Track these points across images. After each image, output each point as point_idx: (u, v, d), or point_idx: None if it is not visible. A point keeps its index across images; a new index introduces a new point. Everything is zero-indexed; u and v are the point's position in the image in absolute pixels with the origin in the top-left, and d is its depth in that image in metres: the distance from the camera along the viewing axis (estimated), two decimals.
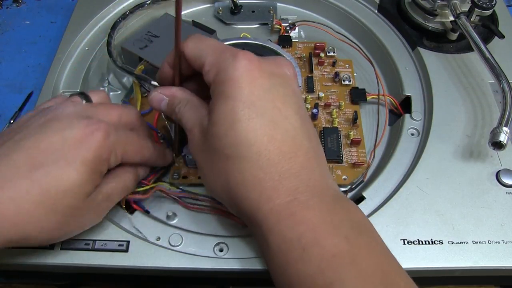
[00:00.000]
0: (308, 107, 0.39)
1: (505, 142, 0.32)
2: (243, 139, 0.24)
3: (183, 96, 0.28)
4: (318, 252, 0.22)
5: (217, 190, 0.26)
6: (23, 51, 0.49)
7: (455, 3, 0.41)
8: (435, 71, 0.40)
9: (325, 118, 0.38)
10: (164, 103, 0.29)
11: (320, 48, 0.43)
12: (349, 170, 0.35)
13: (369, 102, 0.40)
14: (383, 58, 0.43)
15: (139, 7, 0.45)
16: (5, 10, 0.53)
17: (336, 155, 0.35)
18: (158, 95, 0.29)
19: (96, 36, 0.45)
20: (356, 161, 0.35)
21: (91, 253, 0.29)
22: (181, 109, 0.28)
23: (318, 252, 0.22)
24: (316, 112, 0.38)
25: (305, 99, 0.39)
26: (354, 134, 0.37)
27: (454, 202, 0.32)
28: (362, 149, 0.37)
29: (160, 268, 0.29)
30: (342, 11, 0.47)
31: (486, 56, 0.37)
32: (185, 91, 0.29)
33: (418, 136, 0.37)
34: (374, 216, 0.31)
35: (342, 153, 0.36)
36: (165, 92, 0.29)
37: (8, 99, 0.44)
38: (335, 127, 0.37)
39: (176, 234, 0.31)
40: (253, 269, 0.29)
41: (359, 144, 0.37)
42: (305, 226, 0.23)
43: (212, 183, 0.26)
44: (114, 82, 0.43)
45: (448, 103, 0.38)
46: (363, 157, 0.36)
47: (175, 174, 0.34)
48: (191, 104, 0.28)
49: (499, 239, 0.30)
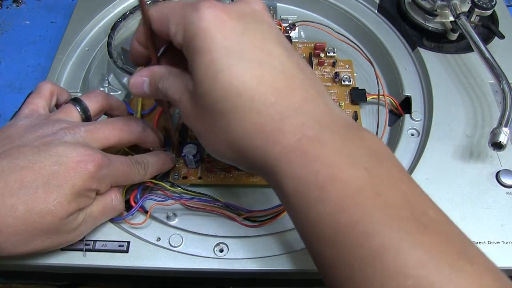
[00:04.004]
0: None
1: (505, 142, 0.32)
2: (230, 89, 0.22)
3: (162, 70, 0.27)
4: (338, 188, 0.20)
5: (222, 151, 0.25)
6: (23, 51, 0.49)
7: (455, 3, 0.41)
8: (435, 71, 0.40)
9: None
10: (146, 84, 0.27)
11: (320, 49, 0.43)
12: None
13: (369, 103, 0.40)
14: (383, 58, 0.43)
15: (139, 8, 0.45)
16: (5, 10, 0.53)
17: None
18: (137, 78, 0.27)
19: (96, 37, 0.45)
20: None
21: (91, 254, 0.29)
22: (164, 84, 0.26)
23: (338, 188, 0.20)
24: None
25: None
26: None
27: (454, 202, 0.32)
28: None
29: (160, 268, 0.29)
30: (342, 11, 0.47)
31: (486, 56, 0.37)
32: (163, 66, 0.27)
33: (418, 136, 0.37)
34: None
35: None
36: (143, 72, 0.27)
37: (8, 99, 0.44)
38: None
39: (176, 234, 0.31)
40: (253, 270, 0.29)
41: None
42: (320, 163, 0.21)
43: (215, 146, 0.25)
44: (114, 82, 0.43)
45: (448, 103, 0.38)
46: None
47: (175, 174, 0.34)
48: (173, 75, 0.26)
49: (499, 239, 0.30)
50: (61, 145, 0.26)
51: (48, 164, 0.25)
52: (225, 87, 0.22)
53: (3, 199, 0.24)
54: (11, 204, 0.24)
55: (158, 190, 0.33)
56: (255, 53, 0.23)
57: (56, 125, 0.28)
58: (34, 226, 0.25)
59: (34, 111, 0.30)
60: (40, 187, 0.25)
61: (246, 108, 0.22)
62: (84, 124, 0.29)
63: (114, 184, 0.29)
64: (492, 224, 0.31)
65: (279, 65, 0.23)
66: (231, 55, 0.22)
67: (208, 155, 0.35)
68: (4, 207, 0.24)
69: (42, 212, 0.25)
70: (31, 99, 0.31)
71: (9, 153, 0.26)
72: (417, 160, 0.34)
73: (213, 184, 0.34)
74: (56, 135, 0.27)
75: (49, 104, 0.31)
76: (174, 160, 0.34)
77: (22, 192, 0.24)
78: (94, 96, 0.31)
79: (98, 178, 0.26)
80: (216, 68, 0.22)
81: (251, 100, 0.22)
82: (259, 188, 0.35)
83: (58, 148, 0.26)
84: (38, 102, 0.30)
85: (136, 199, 0.31)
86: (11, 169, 0.25)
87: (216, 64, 0.22)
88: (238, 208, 0.32)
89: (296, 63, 0.24)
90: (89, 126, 0.28)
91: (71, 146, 0.26)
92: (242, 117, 0.22)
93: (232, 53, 0.22)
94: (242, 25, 0.23)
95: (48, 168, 0.25)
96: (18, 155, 0.25)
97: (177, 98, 0.26)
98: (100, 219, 0.29)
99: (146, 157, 0.31)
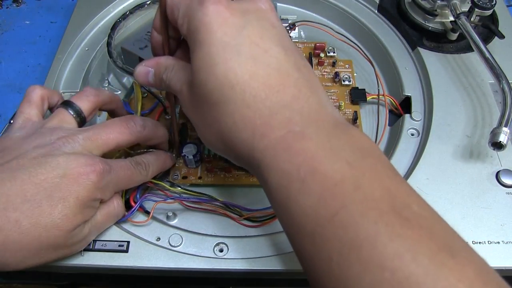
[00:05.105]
0: None
1: (505, 142, 0.32)
2: (224, 81, 0.23)
3: (167, 61, 0.27)
4: (318, 181, 0.21)
5: (212, 141, 0.25)
6: (23, 51, 0.49)
7: (455, 3, 0.41)
8: (435, 71, 0.40)
9: None
10: (151, 75, 0.28)
11: (320, 48, 0.43)
12: None
13: (369, 102, 0.40)
14: (383, 58, 0.43)
15: (139, 8, 0.45)
16: (5, 10, 0.53)
17: None
18: (142, 68, 0.28)
19: (96, 37, 0.45)
20: None
21: (91, 254, 0.29)
22: (168, 75, 0.27)
23: (318, 180, 0.21)
24: None
25: None
26: None
27: (454, 202, 0.32)
28: None
29: (160, 268, 0.29)
30: (342, 11, 0.47)
31: (486, 56, 0.37)
32: (170, 57, 0.28)
33: (418, 136, 0.37)
34: None
35: None
36: (149, 63, 0.28)
37: (8, 99, 0.44)
38: None
39: (176, 234, 0.31)
40: (253, 269, 0.29)
41: None
42: (302, 157, 0.21)
43: (207, 135, 0.26)
44: (114, 82, 0.43)
45: (448, 103, 0.38)
46: None
47: (175, 174, 0.34)
48: (177, 67, 0.27)
49: (499, 239, 0.30)
50: (61, 156, 0.26)
51: (50, 176, 0.25)
52: (219, 79, 0.23)
53: (6, 214, 0.24)
54: (14, 219, 0.24)
55: (158, 190, 0.33)
56: (251, 49, 0.23)
57: (54, 134, 0.28)
58: (40, 241, 0.24)
59: (27, 120, 0.30)
60: (44, 200, 0.24)
61: (237, 101, 0.23)
62: (82, 131, 0.28)
63: (117, 189, 0.29)
64: (492, 224, 0.31)
65: (274, 63, 0.23)
66: (228, 49, 0.23)
67: (208, 155, 0.35)
68: (8, 222, 0.24)
69: (47, 226, 0.24)
70: (23, 109, 0.30)
71: (9, 166, 0.25)
72: (417, 160, 0.34)
73: (213, 184, 0.34)
74: (55, 145, 0.27)
75: (42, 111, 0.31)
76: (173, 159, 0.34)
77: (26, 207, 0.24)
78: (85, 96, 0.31)
79: (102, 187, 0.26)
80: (213, 61, 0.23)
81: (242, 93, 0.23)
82: (259, 188, 0.34)
83: (58, 159, 0.26)
84: (30, 111, 0.30)
85: (136, 199, 0.31)
86: (12, 182, 0.25)
87: (213, 57, 0.23)
88: (238, 208, 0.32)
89: (294, 62, 0.24)
90: (87, 132, 0.28)
91: (71, 157, 0.26)
92: (232, 109, 0.23)
93: (229, 48, 0.23)
94: (243, 22, 0.24)
95: (50, 180, 0.25)
96: (17, 168, 0.25)
97: (178, 89, 0.26)
98: (104, 227, 0.29)
99: (146, 157, 0.31)
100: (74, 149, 0.27)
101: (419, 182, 0.33)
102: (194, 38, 0.24)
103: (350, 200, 0.20)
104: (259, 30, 0.24)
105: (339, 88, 0.41)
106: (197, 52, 0.24)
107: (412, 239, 0.18)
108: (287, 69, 0.24)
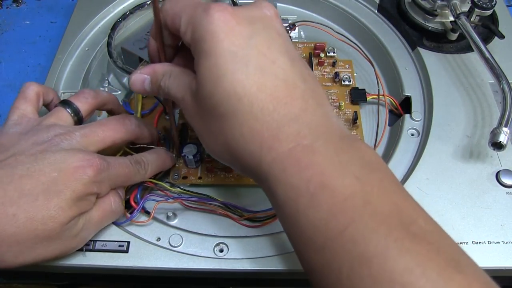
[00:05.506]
0: None
1: (505, 142, 0.32)
2: (231, 93, 0.22)
3: (164, 68, 0.27)
4: (328, 196, 0.21)
5: (217, 151, 0.25)
6: (23, 51, 0.49)
7: (455, 3, 0.41)
8: (435, 71, 0.40)
9: None
10: (147, 82, 0.28)
11: (320, 48, 0.43)
12: None
13: (369, 102, 0.40)
14: (383, 58, 0.43)
15: (139, 8, 0.45)
16: (5, 10, 0.53)
17: None
18: (138, 75, 0.28)
19: (96, 37, 0.45)
20: None
21: (91, 254, 0.29)
22: (166, 82, 0.27)
23: (328, 195, 0.21)
24: None
25: None
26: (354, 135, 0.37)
27: (454, 202, 0.32)
28: None
29: (160, 268, 0.29)
30: (342, 11, 0.47)
31: (486, 56, 0.37)
32: (166, 64, 0.27)
33: (418, 136, 0.37)
34: None
35: None
36: (145, 70, 0.28)
37: (8, 99, 0.44)
38: None
39: (176, 234, 0.31)
40: (253, 270, 0.29)
41: None
42: (311, 171, 0.21)
43: (212, 145, 0.25)
44: (114, 82, 0.43)
45: (448, 103, 0.38)
46: None
47: (175, 174, 0.34)
48: (175, 74, 0.26)
49: (499, 239, 0.30)
50: (58, 152, 0.26)
51: (48, 171, 0.25)
52: (226, 91, 0.23)
53: (4, 208, 0.24)
54: (12, 213, 0.24)
55: (158, 190, 0.33)
56: (259, 60, 0.23)
57: (51, 131, 0.28)
58: (36, 234, 0.24)
59: (23, 116, 0.30)
60: (40, 194, 0.25)
61: (245, 113, 0.23)
62: (79, 128, 0.28)
63: (114, 186, 0.29)
64: (492, 224, 0.31)
65: (281, 74, 0.23)
66: (235, 60, 0.23)
67: (208, 155, 0.35)
68: (5, 217, 0.24)
69: (43, 219, 0.24)
70: (18, 104, 0.30)
71: (6, 162, 0.26)
72: (417, 160, 0.34)
73: (213, 184, 0.34)
74: (52, 141, 0.27)
75: (37, 107, 0.31)
76: (173, 159, 0.34)
77: (23, 201, 0.24)
78: (84, 97, 0.31)
79: (98, 181, 0.26)
80: (220, 72, 0.23)
81: (250, 105, 0.23)
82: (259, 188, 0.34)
83: (56, 155, 0.26)
84: (25, 108, 0.30)
85: (136, 199, 0.31)
86: (10, 178, 0.25)
87: (220, 68, 0.23)
88: (238, 208, 0.32)
89: (300, 72, 0.24)
90: (84, 130, 0.28)
91: (69, 153, 0.26)
92: (240, 121, 0.23)
93: (237, 59, 0.23)
94: (250, 30, 0.23)
95: (48, 175, 0.25)
96: (15, 164, 0.25)
97: (180, 97, 0.26)
98: (101, 223, 0.29)
99: (146, 156, 0.31)
100: (71, 146, 0.27)
101: (419, 182, 0.33)
102: (200, 47, 0.23)
103: (360, 215, 0.20)
104: (266, 40, 0.24)
105: (339, 88, 0.41)
106: (203, 62, 0.23)
107: (421, 254, 0.19)
108: (293, 80, 0.23)
